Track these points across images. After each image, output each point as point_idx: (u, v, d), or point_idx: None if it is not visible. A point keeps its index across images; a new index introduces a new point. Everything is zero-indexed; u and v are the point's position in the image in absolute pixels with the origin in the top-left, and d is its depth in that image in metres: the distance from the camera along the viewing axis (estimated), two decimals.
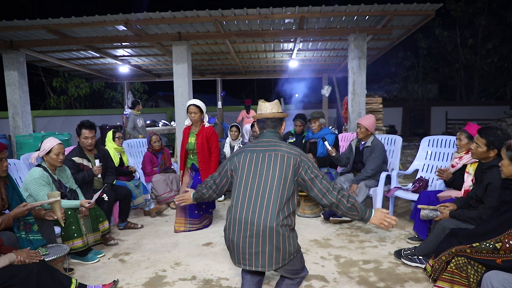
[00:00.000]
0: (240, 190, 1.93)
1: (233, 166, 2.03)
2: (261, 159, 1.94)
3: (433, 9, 5.33)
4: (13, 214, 2.34)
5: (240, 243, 1.85)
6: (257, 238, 1.82)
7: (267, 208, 1.83)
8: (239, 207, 1.89)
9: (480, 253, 2.08)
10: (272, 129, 2.08)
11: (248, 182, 1.92)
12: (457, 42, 17.36)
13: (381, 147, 4.09)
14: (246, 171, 1.95)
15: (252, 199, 1.87)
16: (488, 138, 2.59)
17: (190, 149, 3.92)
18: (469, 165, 3.12)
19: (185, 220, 3.90)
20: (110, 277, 2.80)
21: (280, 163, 1.90)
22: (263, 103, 2.15)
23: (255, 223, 1.82)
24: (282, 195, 1.86)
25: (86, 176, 3.49)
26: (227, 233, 1.94)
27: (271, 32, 6.28)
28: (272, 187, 1.87)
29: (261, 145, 2.01)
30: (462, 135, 3.28)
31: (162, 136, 7.77)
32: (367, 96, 6.60)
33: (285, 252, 1.85)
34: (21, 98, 6.68)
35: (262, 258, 1.83)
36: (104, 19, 5.53)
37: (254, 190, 1.88)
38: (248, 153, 2.00)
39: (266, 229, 1.81)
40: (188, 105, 3.86)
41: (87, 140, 3.56)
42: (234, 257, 1.92)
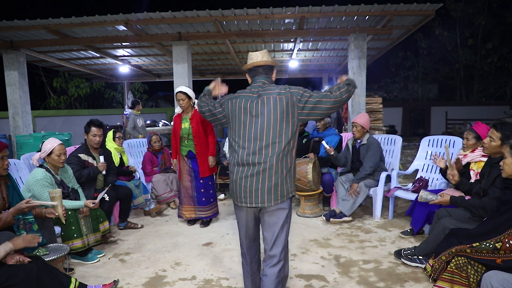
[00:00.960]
0: (239, 134, 2.02)
1: (227, 112, 2.09)
2: (254, 104, 2.00)
3: (433, 9, 5.33)
4: (14, 210, 2.34)
5: (242, 182, 1.97)
6: (257, 176, 1.94)
7: (266, 148, 1.94)
8: (240, 150, 1.99)
9: (480, 253, 2.08)
10: (264, 75, 2.13)
11: (246, 127, 2.00)
12: (457, 42, 17.36)
13: (377, 144, 4.11)
14: (243, 117, 2.01)
15: (251, 141, 1.97)
16: (504, 132, 2.58)
17: (185, 135, 3.90)
18: (473, 163, 3.11)
19: (194, 207, 3.98)
20: (110, 277, 2.81)
21: (274, 105, 1.97)
22: (253, 53, 2.18)
23: (255, 162, 1.94)
24: (280, 135, 1.96)
25: (91, 173, 3.53)
26: (231, 175, 2.06)
27: (271, 32, 6.29)
28: (269, 129, 1.95)
29: (253, 90, 2.05)
30: (470, 135, 3.22)
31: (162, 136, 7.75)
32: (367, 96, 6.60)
33: (282, 189, 1.97)
34: (21, 98, 6.69)
35: (261, 194, 1.95)
36: (104, 19, 5.53)
37: (253, 132, 1.97)
38: (242, 99, 2.04)
39: (266, 168, 1.93)
40: (175, 92, 3.91)
41: (95, 138, 3.61)
42: (237, 197, 2.03)
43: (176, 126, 3.95)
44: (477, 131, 3.17)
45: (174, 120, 4.01)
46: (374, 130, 6.12)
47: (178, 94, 3.85)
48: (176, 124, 3.96)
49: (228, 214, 4.54)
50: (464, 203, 2.60)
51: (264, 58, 2.14)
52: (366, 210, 4.49)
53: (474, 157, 3.12)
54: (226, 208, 4.84)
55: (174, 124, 3.99)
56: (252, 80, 2.15)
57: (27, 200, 2.38)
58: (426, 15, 5.49)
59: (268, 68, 2.15)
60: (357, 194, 4.00)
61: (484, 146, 2.77)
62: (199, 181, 3.98)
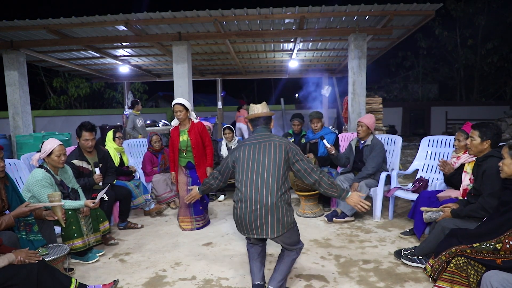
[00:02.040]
0: (243, 175, 2.32)
1: (234, 158, 2.43)
2: (257, 149, 2.35)
3: (433, 9, 5.34)
4: (15, 213, 2.34)
5: (247, 217, 2.25)
6: (261, 212, 2.22)
7: (267, 187, 2.24)
8: (243, 188, 2.29)
9: (480, 253, 2.09)
10: (264, 125, 2.50)
11: (249, 168, 2.31)
12: (457, 42, 17.36)
13: (380, 145, 4.11)
14: (246, 160, 2.34)
15: (254, 181, 2.27)
16: (480, 129, 2.73)
17: (183, 147, 3.91)
18: (467, 164, 3.14)
19: (190, 218, 3.96)
20: (110, 277, 2.81)
21: (274, 150, 2.32)
22: (254, 105, 2.55)
23: (258, 200, 2.22)
24: (278, 175, 2.27)
25: (87, 184, 3.51)
26: (235, 210, 2.33)
27: (271, 32, 6.28)
28: (269, 170, 2.28)
29: (256, 139, 2.41)
30: (461, 136, 3.33)
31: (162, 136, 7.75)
32: (367, 96, 6.60)
33: (283, 222, 2.25)
34: (21, 98, 6.68)
35: (265, 227, 2.24)
36: (104, 19, 5.53)
37: (255, 174, 2.28)
38: (246, 146, 2.39)
39: (268, 204, 2.22)
40: (173, 104, 3.87)
41: (87, 142, 3.55)
42: (242, 229, 2.32)
43: (175, 139, 3.94)
44: (468, 131, 3.22)
45: (171, 133, 3.98)
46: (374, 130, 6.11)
47: (175, 106, 3.82)
48: (175, 137, 3.94)
49: (228, 214, 4.54)
50: (464, 212, 2.65)
51: (264, 110, 2.52)
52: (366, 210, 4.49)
53: (467, 157, 3.18)
54: (226, 208, 4.84)
55: (172, 137, 3.96)
56: (254, 129, 2.53)
57: (27, 203, 2.39)
58: (426, 15, 5.49)
59: (267, 118, 2.52)
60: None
61: (467, 147, 2.88)
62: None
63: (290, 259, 2.44)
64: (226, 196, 5.35)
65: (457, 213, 2.69)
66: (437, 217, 2.84)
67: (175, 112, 3.85)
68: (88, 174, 3.57)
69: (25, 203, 2.38)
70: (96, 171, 3.61)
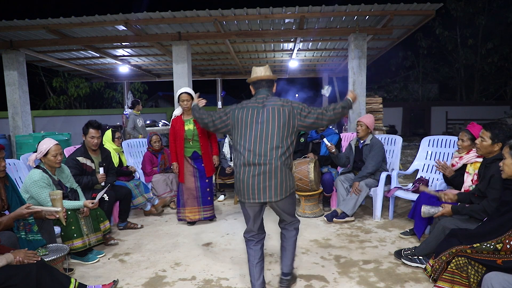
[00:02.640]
0: (245, 138, 2.28)
1: (234, 119, 2.36)
2: (260, 112, 2.30)
3: (433, 9, 5.33)
4: (14, 215, 2.34)
5: (250, 181, 2.24)
6: (264, 176, 2.23)
7: (271, 151, 2.24)
8: (246, 152, 2.26)
9: (480, 253, 2.08)
10: (267, 88, 2.44)
11: (252, 131, 2.27)
12: (457, 42, 17.35)
13: (380, 144, 4.13)
14: (249, 123, 2.30)
15: (257, 145, 2.24)
16: (493, 131, 2.62)
17: (189, 136, 3.92)
18: (469, 165, 3.11)
19: (198, 208, 4.01)
20: (110, 277, 2.80)
21: (278, 115, 2.28)
22: (257, 67, 2.47)
23: (262, 164, 2.22)
24: (282, 140, 2.27)
25: (89, 183, 3.52)
26: (238, 175, 2.30)
27: (271, 32, 6.28)
28: (273, 134, 2.25)
29: (259, 101, 2.35)
30: (465, 136, 3.22)
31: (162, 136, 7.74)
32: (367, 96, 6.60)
33: (286, 186, 2.28)
34: (21, 98, 6.68)
35: (269, 191, 2.25)
36: (104, 19, 5.53)
37: (258, 137, 2.25)
38: (248, 108, 2.34)
39: (272, 168, 2.23)
40: (180, 93, 3.88)
41: (93, 140, 3.58)
42: (244, 194, 2.28)
43: (179, 128, 3.92)
44: (472, 132, 3.18)
45: (173, 122, 3.96)
46: (374, 130, 6.11)
47: (182, 95, 3.84)
48: (179, 126, 3.93)
49: (228, 214, 4.54)
50: (465, 210, 2.63)
51: (267, 73, 2.44)
52: (366, 210, 4.49)
53: (470, 158, 3.12)
54: (226, 208, 4.83)
55: (175, 127, 3.94)
56: (256, 92, 2.45)
57: (27, 205, 2.37)
58: (426, 15, 5.49)
59: (270, 82, 2.46)
60: (359, 192, 4.00)
61: (476, 147, 2.80)
62: (205, 181, 4.04)
63: (293, 241, 2.51)
64: (226, 196, 5.34)
65: (458, 210, 2.66)
66: (435, 212, 2.79)
67: (182, 101, 3.86)
68: (91, 172, 3.59)
69: (25, 205, 2.37)
70: (100, 170, 3.63)
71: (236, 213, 4.56)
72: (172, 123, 3.98)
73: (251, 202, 2.28)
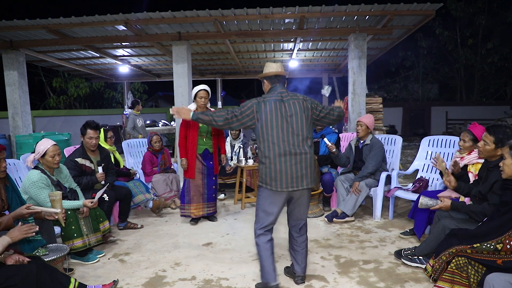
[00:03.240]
0: (278, 130, 2.38)
1: (260, 112, 2.42)
2: (286, 105, 2.43)
3: (433, 9, 5.32)
4: (14, 215, 2.33)
5: (289, 170, 2.36)
6: (301, 164, 2.38)
7: (302, 141, 2.41)
8: (282, 143, 2.37)
9: (480, 253, 2.08)
10: (282, 84, 2.58)
11: (283, 123, 2.39)
12: (457, 42, 17.35)
13: (380, 144, 4.13)
14: (279, 116, 2.40)
15: (290, 136, 2.39)
16: (497, 135, 2.55)
17: (204, 133, 3.98)
18: (470, 165, 3.10)
19: (203, 204, 4.06)
20: (110, 277, 2.80)
21: (300, 108, 2.45)
22: (272, 63, 2.60)
23: (298, 153, 2.38)
24: (307, 130, 2.46)
25: (89, 183, 3.53)
26: (273, 166, 2.36)
27: (271, 32, 6.28)
28: (302, 125, 2.43)
29: (280, 95, 2.47)
30: (466, 137, 3.17)
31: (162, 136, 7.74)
32: (367, 96, 6.59)
33: (315, 172, 2.54)
34: (21, 98, 6.68)
35: (305, 178, 2.41)
36: (104, 19, 5.52)
37: (290, 128, 2.39)
38: (273, 102, 2.43)
39: (307, 157, 2.41)
40: (198, 90, 3.91)
41: (91, 140, 3.58)
42: (282, 183, 2.36)
43: (193, 124, 3.92)
44: (474, 132, 3.13)
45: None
46: (374, 130, 6.11)
47: (202, 92, 3.89)
48: (193, 122, 3.85)
49: (228, 214, 4.54)
50: (464, 208, 2.60)
51: (283, 69, 2.59)
52: (366, 210, 4.49)
53: (471, 159, 3.09)
54: (226, 208, 4.83)
55: (189, 122, 3.90)
56: (272, 86, 2.55)
57: (28, 205, 2.37)
58: (427, 14, 5.48)
59: (284, 78, 2.60)
60: (359, 192, 4.00)
61: (479, 150, 2.74)
62: (212, 178, 4.11)
63: (306, 243, 2.65)
64: (226, 195, 5.34)
65: (457, 207, 2.63)
66: (433, 204, 2.74)
67: (200, 98, 3.90)
68: (90, 173, 3.59)
69: (25, 205, 2.37)
70: (99, 169, 3.63)
71: (236, 213, 4.56)
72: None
73: (289, 190, 2.37)
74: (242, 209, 4.72)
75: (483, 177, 2.70)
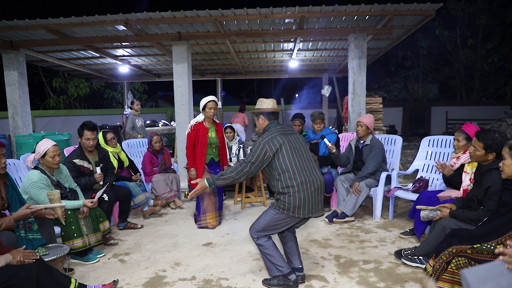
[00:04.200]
0: (295, 159, 2.51)
1: (273, 150, 2.49)
2: (293, 138, 2.60)
3: (433, 9, 5.32)
4: (16, 216, 2.33)
5: (310, 197, 2.48)
6: (318, 191, 2.52)
7: (315, 169, 2.59)
8: (302, 171, 2.49)
9: (481, 254, 2.08)
10: (276, 119, 2.74)
11: (298, 153, 2.54)
12: (457, 42, 17.34)
13: (380, 144, 4.13)
14: (293, 147, 2.54)
15: (305, 165, 2.53)
16: (485, 142, 2.56)
17: (213, 144, 4.03)
18: (466, 164, 3.13)
19: (215, 213, 4.05)
20: (110, 277, 2.80)
21: (302, 139, 2.67)
22: (266, 99, 2.76)
23: (314, 180, 2.51)
24: (313, 159, 2.65)
25: (88, 183, 3.52)
26: (297, 194, 2.44)
27: (271, 32, 6.28)
28: (308, 155, 2.62)
29: (284, 130, 2.62)
30: (460, 136, 3.29)
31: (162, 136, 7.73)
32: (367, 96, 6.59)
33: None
34: (21, 98, 6.68)
35: (321, 204, 2.57)
36: (104, 19, 5.52)
37: (304, 158, 2.55)
38: (282, 135, 2.55)
39: (322, 184, 2.57)
40: (207, 101, 3.91)
41: (88, 142, 3.56)
42: (305, 211, 2.47)
43: (203, 135, 3.95)
44: (467, 131, 3.23)
45: (196, 128, 3.96)
46: (374, 130, 6.11)
47: (211, 102, 3.90)
48: (202, 132, 3.96)
49: (228, 214, 4.54)
50: (462, 216, 2.63)
51: (275, 105, 2.76)
52: (366, 210, 4.49)
53: (467, 158, 3.16)
54: (226, 208, 4.83)
55: (198, 132, 3.95)
56: (271, 122, 2.69)
57: (27, 205, 2.37)
58: (427, 14, 5.48)
59: (278, 113, 2.80)
60: (359, 193, 4.00)
61: (470, 155, 2.77)
62: (221, 187, 4.18)
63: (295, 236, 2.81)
64: (226, 196, 5.34)
65: (455, 216, 2.68)
66: (434, 216, 2.82)
67: (209, 109, 3.92)
68: (88, 173, 3.58)
69: (26, 205, 2.37)
70: (97, 170, 3.61)
71: (236, 213, 4.56)
72: (194, 128, 3.98)
73: (310, 216, 2.51)
74: (242, 209, 4.72)
75: (477, 181, 2.72)
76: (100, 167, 3.64)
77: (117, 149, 4.37)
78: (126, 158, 4.50)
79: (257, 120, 2.77)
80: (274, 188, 2.55)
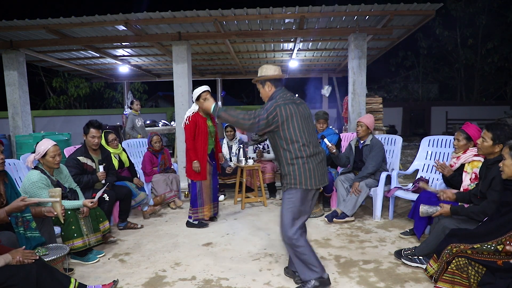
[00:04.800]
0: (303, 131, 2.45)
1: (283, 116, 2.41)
2: (301, 108, 2.52)
3: (433, 9, 5.32)
4: (9, 208, 2.31)
5: (319, 168, 2.49)
6: (323, 162, 2.55)
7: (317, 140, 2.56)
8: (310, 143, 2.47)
9: (481, 254, 2.08)
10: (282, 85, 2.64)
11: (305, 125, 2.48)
12: (457, 42, 17.33)
13: (380, 145, 4.13)
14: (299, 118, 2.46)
15: (312, 136, 2.51)
16: (494, 132, 2.62)
17: (212, 132, 4.01)
18: (466, 164, 3.14)
19: (211, 205, 4.10)
20: (110, 277, 2.80)
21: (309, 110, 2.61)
22: (270, 65, 2.62)
23: (319, 152, 2.52)
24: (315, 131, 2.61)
25: (90, 181, 3.54)
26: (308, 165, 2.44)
27: (271, 32, 6.28)
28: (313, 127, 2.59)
29: (294, 99, 2.54)
30: (460, 136, 3.29)
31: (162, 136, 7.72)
32: (367, 96, 6.59)
33: None
34: (21, 98, 6.67)
35: (326, 175, 2.60)
36: (104, 19, 5.52)
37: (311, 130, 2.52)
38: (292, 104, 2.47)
39: (324, 155, 2.57)
40: (201, 91, 3.82)
41: (94, 139, 3.60)
42: (315, 181, 2.46)
43: (201, 125, 3.89)
44: (467, 131, 3.24)
45: (194, 118, 3.88)
46: (374, 130, 6.10)
47: (205, 93, 3.83)
48: (201, 123, 3.89)
49: (228, 214, 4.54)
50: (464, 211, 2.63)
51: (280, 71, 2.65)
52: (366, 210, 4.49)
53: (467, 157, 3.17)
54: (226, 208, 4.83)
55: (197, 123, 3.88)
56: (278, 89, 2.58)
57: (23, 197, 2.36)
58: (427, 14, 5.48)
59: (283, 80, 2.69)
60: (359, 193, 4.00)
61: (478, 147, 2.82)
62: (216, 177, 4.17)
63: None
64: (226, 196, 5.34)
65: (457, 211, 2.67)
66: (433, 211, 2.80)
67: (203, 99, 3.74)
68: (91, 172, 3.61)
69: (20, 197, 2.36)
70: (100, 168, 3.63)
71: (236, 213, 4.56)
72: (193, 119, 3.90)
73: (318, 187, 2.49)
74: (242, 209, 4.72)
75: (483, 176, 2.72)
76: (103, 165, 3.66)
77: (118, 150, 4.34)
78: (127, 159, 4.46)
79: (262, 88, 2.61)
80: (282, 159, 2.48)
